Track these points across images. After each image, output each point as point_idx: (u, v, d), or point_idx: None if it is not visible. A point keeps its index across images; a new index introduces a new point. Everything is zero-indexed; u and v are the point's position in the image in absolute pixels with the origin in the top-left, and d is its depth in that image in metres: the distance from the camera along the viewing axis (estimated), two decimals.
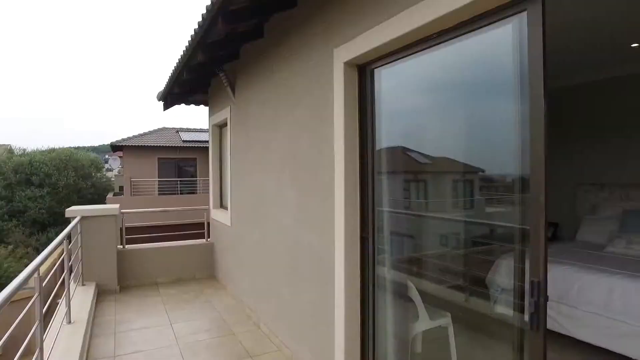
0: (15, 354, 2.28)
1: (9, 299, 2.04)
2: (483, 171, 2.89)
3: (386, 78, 2.68)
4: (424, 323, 2.93)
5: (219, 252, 6.48)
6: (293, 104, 3.56)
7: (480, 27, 1.89)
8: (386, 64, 2.58)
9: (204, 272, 6.65)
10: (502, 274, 3.45)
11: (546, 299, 1.52)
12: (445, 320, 2.96)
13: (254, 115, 4.65)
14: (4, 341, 2.06)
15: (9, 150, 23.77)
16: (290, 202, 3.64)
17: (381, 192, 2.77)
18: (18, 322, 2.32)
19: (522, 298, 2.03)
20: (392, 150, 2.79)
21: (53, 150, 22.71)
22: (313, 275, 3.25)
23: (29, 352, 2.50)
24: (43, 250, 3.13)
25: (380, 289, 2.82)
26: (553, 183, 2.43)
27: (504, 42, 1.88)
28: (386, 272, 2.89)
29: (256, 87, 4.53)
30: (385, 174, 2.77)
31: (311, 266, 3.28)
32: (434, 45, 2.19)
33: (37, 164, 20.82)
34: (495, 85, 2.24)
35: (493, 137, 2.36)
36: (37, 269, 2.65)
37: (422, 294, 2.94)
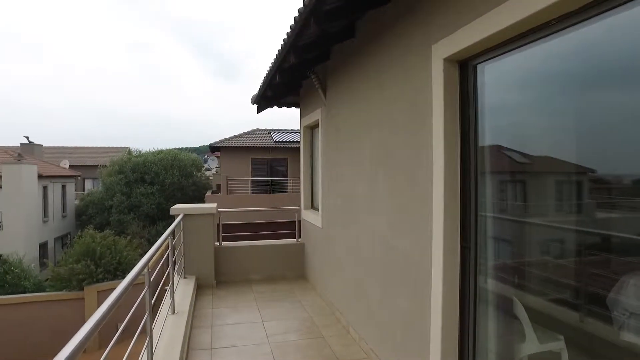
0: (128, 330, 2.51)
1: (123, 294, 2.21)
2: (593, 171, 2.49)
3: (490, 73, 2.44)
4: (532, 345, 2.61)
5: (309, 252, 6.56)
6: (387, 104, 3.43)
7: (619, 6, 1.60)
8: (491, 58, 2.34)
9: (294, 272, 6.78)
10: (631, 296, 2.96)
11: None
12: (558, 345, 2.61)
13: (345, 116, 4.60)
14: (126, 322, 2.43)
15: (129, 152, 26.85)
16: (384, 206, 3.51)
17: (484, 196, 2.52)
18: (131, 302, 2.54)
19: None
20: (492, 151, 2.54)
21: (161, 151, 25.13)
22: (407, 284, 3.09)
23: (140, 332, 2.76)
24: (153, 241, 3.41)
25: (481, 304, 2.57)
26: None
27: None
28: (488, 285, 2.63)
29: (348, 87, 4.47)
30: (486, 177, 2.53)
31: (405, 274, 3.12)
32: (552, 33, 1.92)
33: (149, 164, 23.23)
34: (629, 74, 1.89)
35: (616, 132, 2.00)
36: (146, 264, 2.86)
37: (529, 310, 2.62)
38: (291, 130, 24.15)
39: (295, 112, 7.69)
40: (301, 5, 3.24)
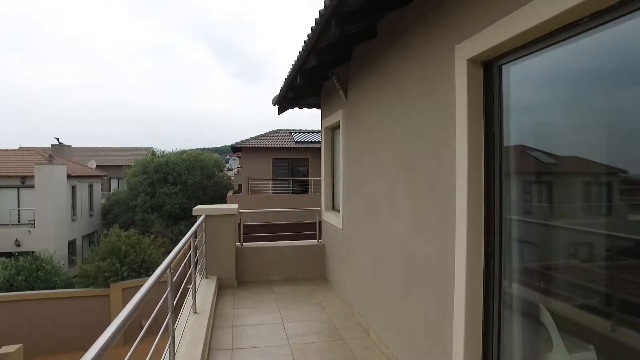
0: (151, 328, 2.55)
1: (146, 295, 2.25)
2: (625, 172, 2.38)
3: (516, 73, 2.37)
4: (559, 355, 2.52)
5: (330, 254, 6.54)
6: (409, 105, 3.38)
7: None
8: (518, 58, 2.27)
9: (315, 273, 6.77)
10: None
11: None
12: (588, 355, 2.51)
13: (366, 117, 4.57)
14: (150, 321, 2.50)
15: (152, 153, 27.39)
16: (405, 209, 3.46)
17: (509, 201, 2.46)
18: (154, 300, 2.58)
19: None
20: (517, 152, 2.47)
21: (184, 152, 25.55)
22: (429, 289, 3.04)
23: (163, 330, 2.81)
24: (176, 240, 3.45)
25: (506, 311, 2.50)
26: None
27: None
28: (514, 292, 2.56)
29: (369, 89, 4.44)
30: (512, 181, 2.46)
31: (427, 279, 3.07)
32: (582, 32, 1.85)
33: (172, 164, 23.65)
34: None
35: None
36: (169, 265, 2.90)
37: (557, 318, 2.53)
38: (312, 130, 24.19)
39: (316, 112, 7.69)
40: (322, 7, 3.23)
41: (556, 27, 1.90)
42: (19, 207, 20.07)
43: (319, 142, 7.43)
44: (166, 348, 2.90)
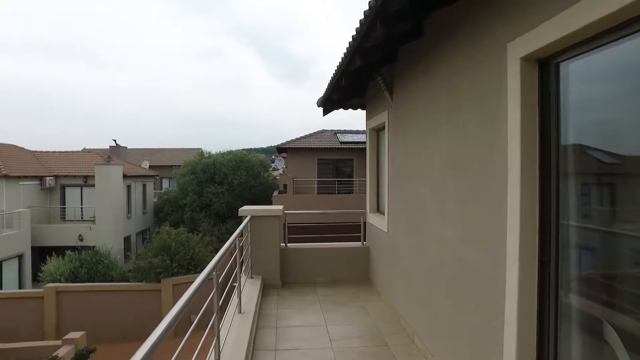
0: (198, 322, 2.65)
1: (194, 295, 2.30)
2: None
3: (575, 70, 2.21)
4: None
5: (374, 256, 6.46)
6: (456, 106, 3.26)
7: None
8: (578, 54, 2.11)
9: (359, 276, 6.70)
10: None
11: None
12: None
13: (412, 119, 4.46)
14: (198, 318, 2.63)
15: (200, 153, 28.35)
16: (453, 214, 3.34)
17: (566, 205, 2.29)
18: (202, 296, 2.64)
19: None
20: (575, 153, 2.29)
21: (230, 152, 26.19)
22: (477, 299, 2.91)
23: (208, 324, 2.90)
24: (223, 238, 3.52)
25: (563, 327, 2.33)
26: None
27: None
28: (572, 306, 2.38)
29: (415, 90, 4.33)
30: (570, 183, 2.29)
31: (475, 288, 2.94)
32: None
33: (218, 164, 24.32)
34: None
35: None
36: (215, 266, 2.96)
37: (624, 335, 2.32)
38: (357, 131, 24.03)
39: (360, 111, 7.63)
40: (367, 7, 3.19)
41: (624, 19, 1.74)
42: (81, 204, 21.54)
43: (364, 143, 7.35)
44: (212, 346, 2.97)
